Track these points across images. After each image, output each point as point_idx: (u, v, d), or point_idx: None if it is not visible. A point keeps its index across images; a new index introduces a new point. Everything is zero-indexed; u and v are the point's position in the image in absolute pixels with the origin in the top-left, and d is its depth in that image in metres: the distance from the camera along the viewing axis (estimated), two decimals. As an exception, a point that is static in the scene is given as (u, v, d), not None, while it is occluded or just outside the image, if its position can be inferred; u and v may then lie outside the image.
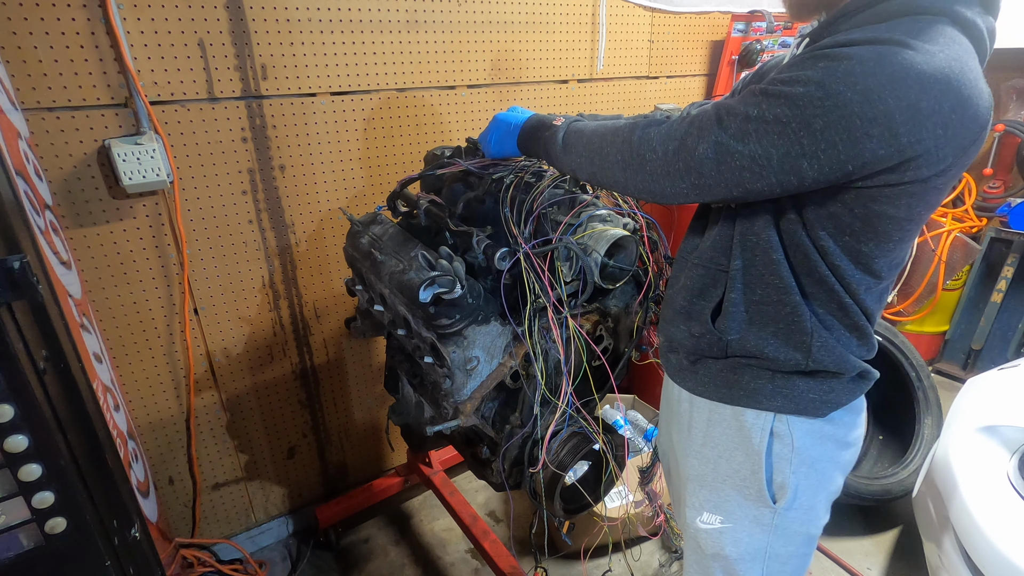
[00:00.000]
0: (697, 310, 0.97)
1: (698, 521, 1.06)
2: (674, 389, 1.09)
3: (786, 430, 0.95)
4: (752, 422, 0.96)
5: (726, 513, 1.02)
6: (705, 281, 0.96)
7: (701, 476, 1.05)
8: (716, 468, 1.02)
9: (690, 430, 1.06)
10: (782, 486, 0.97)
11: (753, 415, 0.96)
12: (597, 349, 1.20)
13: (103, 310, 1.50)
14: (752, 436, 0.97)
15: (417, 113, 1.82)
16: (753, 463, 0.97)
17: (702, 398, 1.02)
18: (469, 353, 1.10)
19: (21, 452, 0.67)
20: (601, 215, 1.12)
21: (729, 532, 1.02)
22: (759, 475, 0.97)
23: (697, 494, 1.06)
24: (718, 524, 1.03)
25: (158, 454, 1.71)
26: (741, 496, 1.00)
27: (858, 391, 0.96)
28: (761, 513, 0.99)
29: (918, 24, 0.74)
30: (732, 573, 1.04)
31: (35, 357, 0.67)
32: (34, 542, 0.73)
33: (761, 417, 0.96)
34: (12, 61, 1.25)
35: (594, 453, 1.23)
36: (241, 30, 1.47)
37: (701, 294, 0.97)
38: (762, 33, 2.34)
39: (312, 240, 1.77)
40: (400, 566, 1.95)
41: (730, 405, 0.98)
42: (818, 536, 1.04)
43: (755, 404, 0.96)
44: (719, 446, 1.01)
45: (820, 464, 0.97)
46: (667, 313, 1.06)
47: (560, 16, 1.97)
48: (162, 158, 1.41)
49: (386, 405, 2.07)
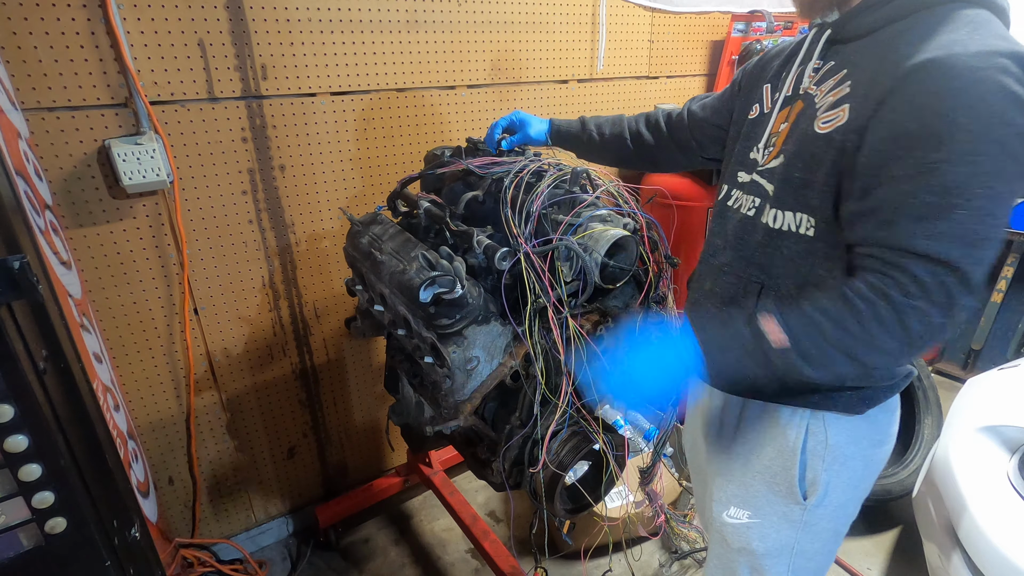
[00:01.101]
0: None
1: (725, 515, 1.05)
2: (703, 387, 1.09)
3: (821, 427, 0.94)
4: (787, 419, 0.96)
5: (754, 508, 1.02)
6: (736, 291, 0.96)
7: (730, 471, 1.05)
8: (746, 463, 1.02)
9: (721, 425, 1.06)
10: (813, 482, 0.96)
11: (788, 411, 0.96)
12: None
13: (103, 310, 1.50)
14: (786, 432, 0.96)
15: (417, 113, 1.82)
16: (785, 459, 0.97)
17: (735, 395, 1.02)
18: (469, 353, 1.10)
19: (21, 452, 0.67)
20: (601, 215, 1.12)
21: (757, 527, 1.02)
22: (791, 471, 0.96)
23: (725, 488, 1.05)
24: (745, 519, 1.03)
25: (158, 454, 1.71)
26: (771, 492, 0.99)
27: (895, 389, 0.96)
28: (791, 509, 0.99)
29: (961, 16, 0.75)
30: (757, 568, 1.04)
31: (35, 357, 0.67)
32: (34, 542, 0.73)
33: (797, 414, 0.95)
34: (12, 61, 1.25)
35: (594, 453, 1.23)
36: (241, 30, 1.47)
37: (732, 302, 0.97)
38: (762, 33, 2.34)
39: (312, 240, 1.77)
40: (400, 566, 1.95)
41: (763, 401, 0.98)
42: (845, 533, 1.04)
43: (790, 400, 0.95)
44: (750, 441, 1.01)
45: (853, 462, 0.96)
46: (693, 315, 1.07)
47: (560, 16, 1.97)
48: (162, 158, 1.41)
49: (386, 405, 2.07)
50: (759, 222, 0.94)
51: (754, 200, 0.96)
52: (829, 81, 0.87)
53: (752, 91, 1.07)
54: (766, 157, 0.96)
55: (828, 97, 0.85)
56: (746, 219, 0.97)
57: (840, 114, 0.82)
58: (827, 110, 0.85)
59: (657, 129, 1.28)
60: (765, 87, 1.03)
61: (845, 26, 0.87)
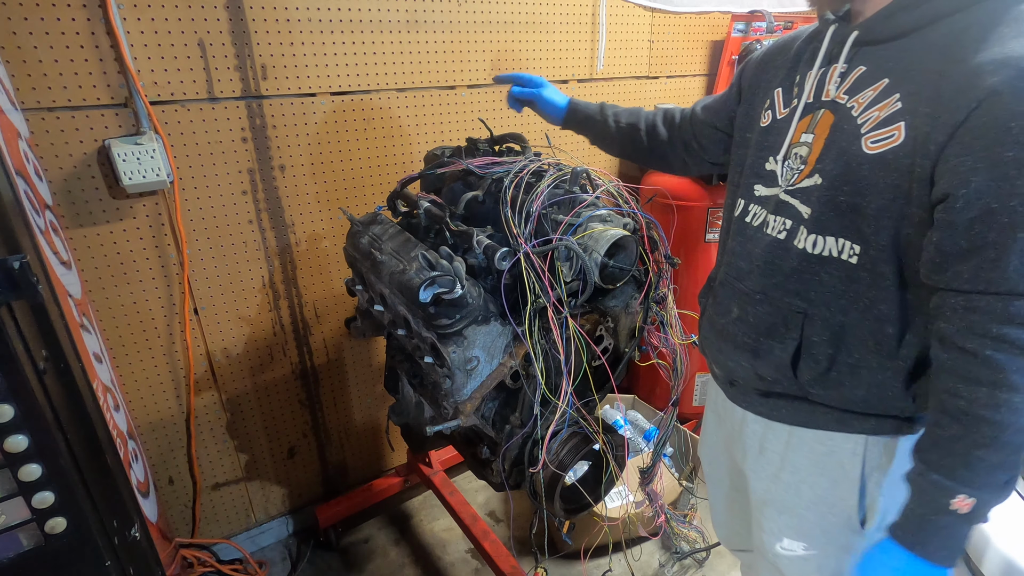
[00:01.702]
0: (765, 350, 0.90)
1: (778, 547, 1.00)
2: (735, 410, 1.02)
3: (879, 451, 0.88)
4: (842, 447, 0.89)
5: (810, 539, 0.96)
6: (774, 320, 0.89)
7: (779, 501, 0.98)
8: (798, 493, 0.95)
9: (762, 452, 0.98)
10: (871, 508, 0.90)
11: (842, 438, 0.89)
12: (597, 349, 1.20)
13: (103, 310, 1.50)
14: (842, 462, 0.89)
15: (417, 113, 1.82)
16: (841, 489, 0.91)
17: (779, 423, 0.94)
18: (469, 353, 1.10)
19: (21, 452, 0.67)
20: (601, 215, 1.12)
21: (815, 559, 0.97)
22: (848, 501, 0.91)
23: (776, 520, 0.99)
24: (801, 551, 0.97)
25: (158, 454, 1.71)
26: (826, 522, 0.94)
27: None
28: (850, 540, 0.93)
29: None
30: None
31: (35, 357, 0.67)
32: (34, 542, 0.73)
33: (851, 440, 0.88)
34: (12, 61, 1.25)
35: (594, 453, 1.23)
36: (241, 30, 1.47)
37: (769, 334, 0.89)
38: (762, 33, 2.34)
39: (312, 240, 1.77)
40: (400, 566, 1.95)
41: (813, 429, 0.90)
42: None
43: (844, 427, 0.88)
44: (800, 471, 0.94)
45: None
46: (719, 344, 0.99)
47: (560, 16, 1.97)
48: (162, 158, 1.41)
49: (386, 405, 2.07)
50: (792, 246, 0.86)
51: (784, 222, 0.88)
52: (867, 91, 0.78)
53: (756, 94, 1.00)
54: (797, 175, 0.87)
55: (873, 112, 0.77)
56: (776, 243, 0.89)
57: (895, 133, 0.74)
58: (875, 128, 0.76)
59: (671, 125, 1.24)
60: (776, 91, 0.95)
61: (876, 27, 0.78)
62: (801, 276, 0.86)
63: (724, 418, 1.10)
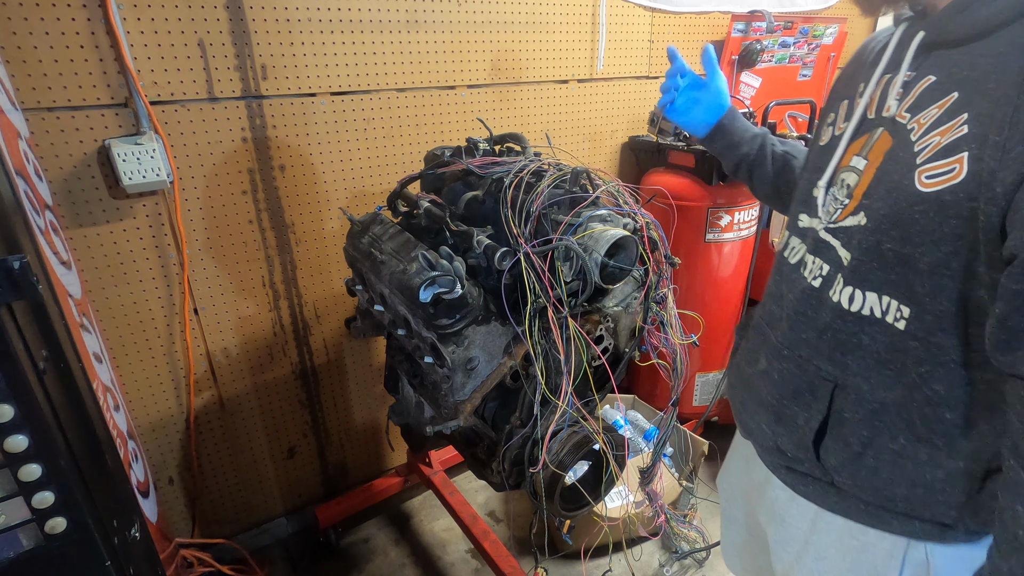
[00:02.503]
0: (789, 415, 0.76)
1: None
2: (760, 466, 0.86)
3: (922, 558, 0.70)
4: (875, 544, 0.72)
5: None
6: (799, 383, 0.74)
7: None
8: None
9: (784, 523, 0.83)
10: None
11: (876, 536, 0.72)
12: (597, 349, 1.20)
13: (103, 310, 1.50)
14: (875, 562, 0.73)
15: (417, 113, 1.82)
16: None
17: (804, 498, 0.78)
18: (469, 353, 1.10)
19: (21, 452, 0.67)
20: (601, 215, 1.12)
21: None
22: None
23: None
24: None
25: (158, 454, 1.71)
26: None
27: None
28: None
29: None
30: None
31: (35, 357, 0.67)
32: (34, 542, 0.73)
33: (888, 540, 0.71)
34: (12, 61, 1.25)
35: (594, 453, 1.23)
36: (241, 30, 1.47)
37: (794, 398, 0.75)
38: (762, 33, 2.34)
39: (312, 240, 1.77)
40: (400, 566, 1.95)
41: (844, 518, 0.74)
42: None
43: (881, 525, 0.71)
44: (826, 559, 0.78)
45: None
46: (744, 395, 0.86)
47: (560, 16, 1.97)
48: (162, 158, 1.41)
49: (386, 405, 2.07)
50: (827, 298, 0.71)
51: (821, 266, 0.72)
52: (932, 109, 0.60)
53: (831, 105, 0.82)
54: (841, 210, 0.70)
55: (933, 136, 0.59)
56: (811, 291, 0.73)
57: (955, 167, 0.56)
58: (933, 158, 0.59)
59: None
60: (842, 103, 0.78)
61: (948, 23, 0.61)
62: (836, 336, 0.70)
63: (750, 466, 0.93)
